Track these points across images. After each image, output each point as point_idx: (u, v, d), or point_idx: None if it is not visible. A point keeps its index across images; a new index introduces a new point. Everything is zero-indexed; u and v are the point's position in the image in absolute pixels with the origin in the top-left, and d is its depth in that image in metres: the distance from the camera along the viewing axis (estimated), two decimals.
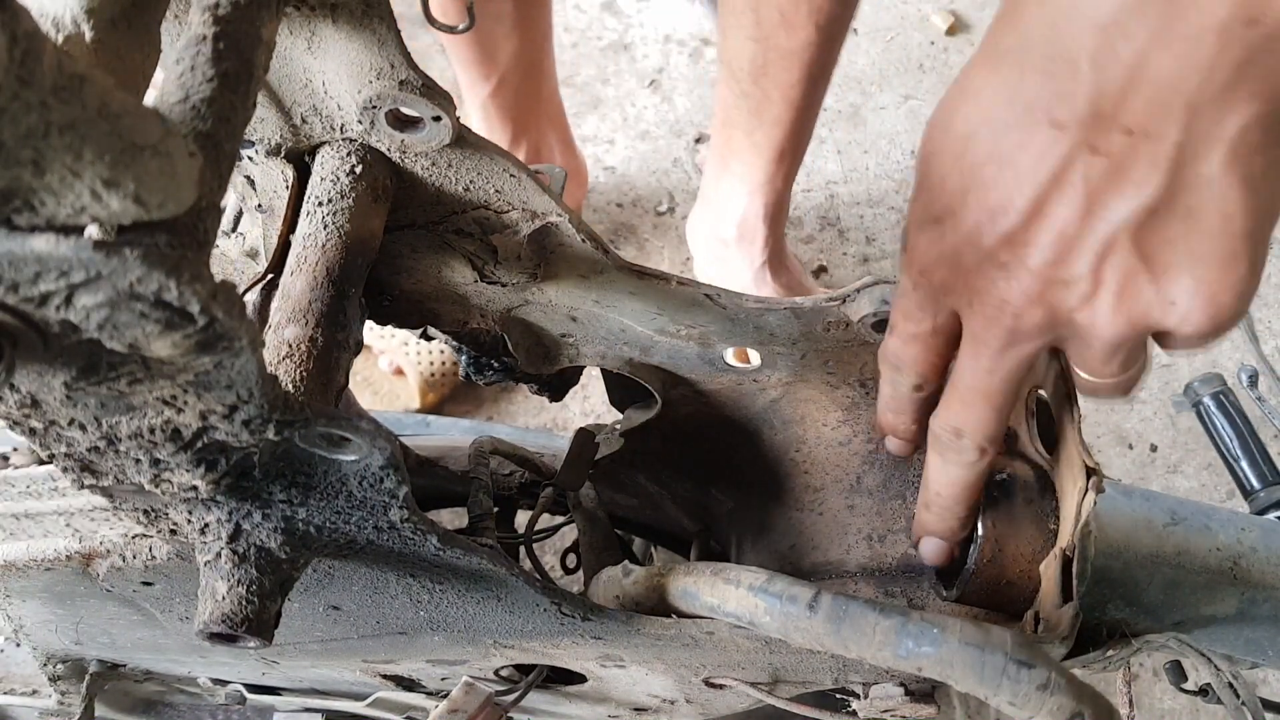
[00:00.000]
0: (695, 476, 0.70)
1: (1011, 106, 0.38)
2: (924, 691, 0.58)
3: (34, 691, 0.75)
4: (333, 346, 0.47)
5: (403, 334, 1.44)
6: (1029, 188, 0.38)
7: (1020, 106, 0.38)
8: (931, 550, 0.55)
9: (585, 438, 0.65)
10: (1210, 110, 0.34)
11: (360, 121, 0.48)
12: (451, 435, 0.87)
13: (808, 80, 1.23)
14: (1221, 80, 0.33)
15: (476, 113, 1.51)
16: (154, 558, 0.51)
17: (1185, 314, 0.38)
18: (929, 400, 0.52)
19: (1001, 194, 0.39)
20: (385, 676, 0.69)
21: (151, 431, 0.37)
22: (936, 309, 0.46)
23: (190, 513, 0.44)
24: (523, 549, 0.65)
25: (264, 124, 0.50)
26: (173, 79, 0.35)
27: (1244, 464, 0.96)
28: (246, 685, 0.76)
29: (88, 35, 0.37)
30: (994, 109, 0.38)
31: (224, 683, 0.76)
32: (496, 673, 0.65)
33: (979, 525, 0.53)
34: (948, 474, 0.51)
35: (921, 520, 0.54)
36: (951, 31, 1.95)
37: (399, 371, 1.50)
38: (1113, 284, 0.39)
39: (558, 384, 0.66)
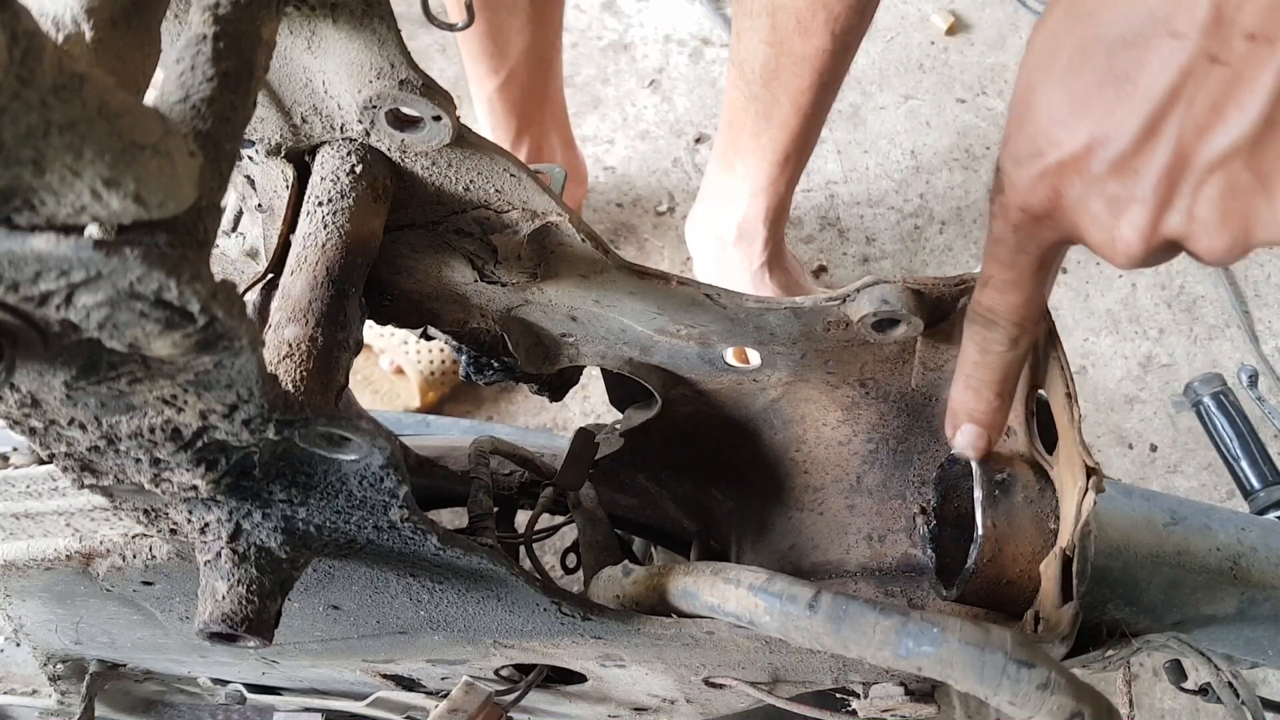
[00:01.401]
0: (695, 476, 0.70)
1: (1130, 22, 0.36)
2: (924, 691, 0.58)
3: (34, 691, 0.75)
4: (333, 346, 0.47)
5: (402, 333, 1.44)
6: (1144, 106, 0.37)
7: (1138, 20, 0.36)
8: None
9: (585, 438, 0.65)
10: None
11: (360, 121, 0.48)
12: (451, 435, 0.87)
13: (818, 87, 1.24)
14: None
15: (482, 106, 1.51)
16: (154, 557, 0.51)
17: None
18: (1017, 367, 0.50)
19: (1116, 116, 0.38)
20: (385, 676, 0.69)
21: (151, 431, 0.37)
22: (1039, 245, 0.44)
23: (190, 512, 0.44)
24: (523, 549, 0.65)
25: (264, 124, 0.50)
26: (173, 79, 0.35)
27: (1244, 464, 0.96)
28: (246, 685, 0.76)
29: (88, 35, 0.37)
30: (1110, 28, 0.37)
31: (224, 682, 0.76)
32: (496, 672, 0.65)
33: (979, 525, 0.53)
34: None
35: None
36: (951, 31, 1.95)
37: (399, 370, 1.50)
38: (1223, 203, 0.38)
39: (558, 384, 0.66)
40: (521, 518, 0.70)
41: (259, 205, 0.55)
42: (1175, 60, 0.36)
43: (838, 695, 0.60)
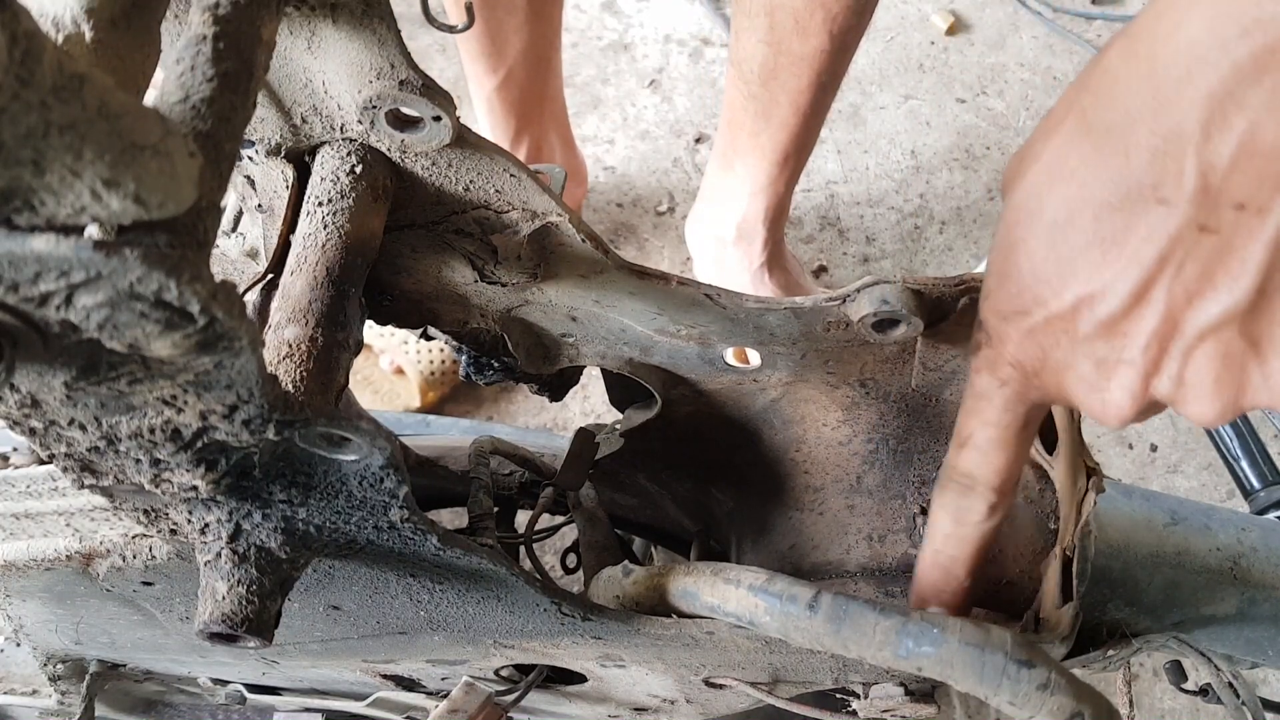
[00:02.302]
0: (695, 476, 0.70)
1: (1115, 186, 0.36)
2: (924, 691, 0.58)
3: (34, 691, 0.75)
4: (333, 346, 0.47)
5: (402, 333, 1.44)
6: (1134, 271, 0.36)
7: (1125, 185, 0.35)
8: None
9: (585, 438, 0.65)
10: None
11: (360, 121, 0.48)
12: (451, 435, 0.87)
13: (817, 87, 1.24)
14: None
15: (481, 105, 1.51)
16: (154, 558, 0.51)
17: None
18: (991, 539, 0.48)
19: (1103, 278, 0.37)
20: (385, 676, 0.69)
21: (151, 431, 0.37)
22: (1026, 403, 0.43)
23: (190, 513, 0.44)
24: (523, 549, 0.65)
25: (264, 124, 0.50)
26: (173, 79, 0.35)
27: (1244, 464, 0.96)
28: (246, 685, 0.76)
29: (88, 35, 0.37)
30: (1094, 189, 0.36)
31: (224, 683, 0.76)
32: (496, 673, 0.65)
33: None
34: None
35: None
36: (951, 31, 1.95)
37: (399, 371, 1.50)
38: (1214, 369, 0.37)
39: (558, 384, 0.66)
40: (521, 518, 0.70)
41: (259, 205, 0.55)
42: (1164, 228, 0.35)
43: (838, 695, 0.60)
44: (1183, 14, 0.33)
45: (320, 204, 0.49)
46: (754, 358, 0.61)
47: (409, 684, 0.70)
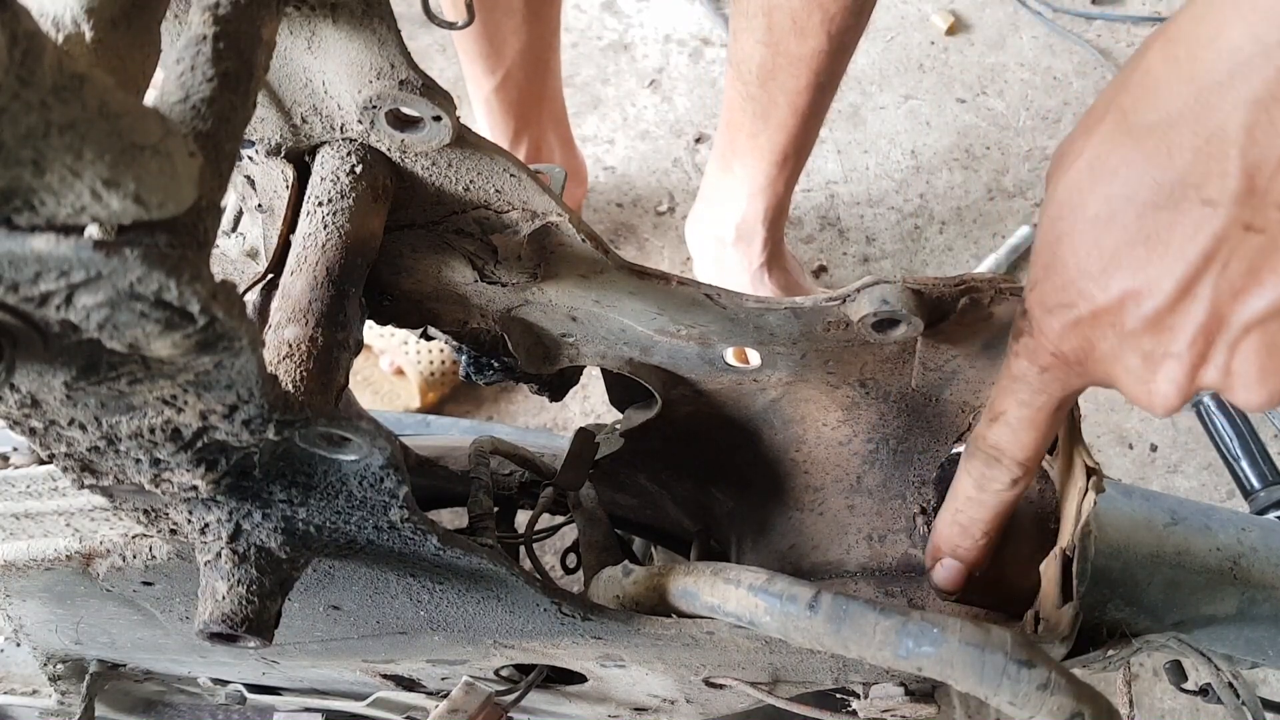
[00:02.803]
0: (695, 476, 0.70)
1: (1159, 185, 0.36)
2: (924, 691, 0.58)
3: (34, 691, 0.75)
4: (333, 346, 0.47)
5: (402, 333, 1.44)
6: (1179, 267, 0.37)
7: (1168, 185, 0.36)
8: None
9: (585, 438, 0.65)
10: None
11: (360, 121, 0.48)
12: (451, 435, 0.87)
13: (815, 88, 1.24)
14: None
15: (480, 106, 1.51)
16: (154, 557, 0.51)
17: None
18: (1010, 507, 0.51)
19: (1148, 275, 0.38)
20: (385, 676, 0.69)
21: (151, 431, 0.37)
22: (1064, 389, 0.45)
23: (190, 512, 0.44)
24: (523, 549, 0.65)
25: (264, 124, 0.50)
26: (173, 79, 0.35)
27: (1244, 464, 0.96)
28: (246, 685, 0.76)
29: (88, 35, 0.37)
30: (1136, 188, 0.37)
31: (224, 683, 0.76)
32: (496, 673, 0.65)
33: None
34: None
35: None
36: (951, 31, 1.95)
37: (399, 371, 1.50)
38: (1260, 359, 0.38)
39: (558, 384, 0.66)
40: (521, 518, 0.70)
41: (259, 205, 0.55)
42: (1209, 227, 0.36)
43: (838, 695, 0.60)
44: (1224, 18, 0.34)
45: (320, 204, 0.49)
46: (754, 358, 0.61)
47: (409, 684, 0.70)
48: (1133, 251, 0.38)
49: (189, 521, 0.44)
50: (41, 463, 0.51)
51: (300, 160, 0.52)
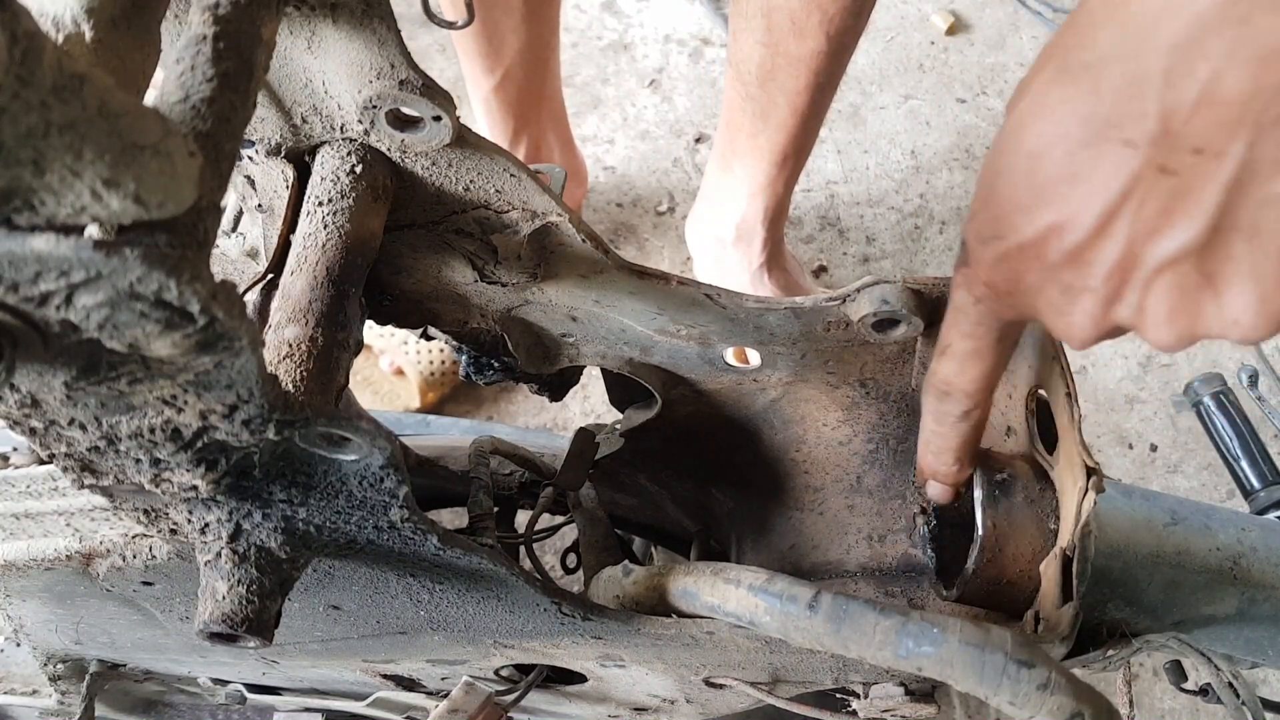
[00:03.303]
0: (695, 476, 0.70)
1: (1086, 124, 0.38)
2: (924, 691, 0.58)
3: (34, 691, 0.75)
4: (333, 346, 0.47)
5: (402, 333, 1.44)
6: (1097, 204, 0.38)
7: (1094, 124, 0.37)
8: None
9: (585, 438, 0.65)
10: (1278, 131, 0.34)
11: (360, 121, 0.48)
12: (451, 435, 0.87)
13: (814, 88, 1.24)
14: None
15: (479, 106, 1.51)
16: (154, 557, 0.51)
17: (1244, 328, 0.38)
18: (975, 433, 0.52)
19: (1070, 210, 0.39)
20: (385, 676, 0.69)
21: (151, 431, 0.37)
22: (1000, 319, 0.46)
23: (190, 512, 0.44)
24: (523, 549, 0.65)
25: (264, 124, 0.50)
26: (173, 79, 0.35)
27: (1244, 464, 0.96)
28: (246, 685, 0.76)
29: (88, 35, 0.37)
30: (1068, 125, 0.38)
31: (224, 682, 0.76)
32: (496, 672, 0.65)
33: (979, 525, 0.53)
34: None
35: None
36: (951, 31, 1.95)
37: (399, 371, 1.50)
38: (1170, 299, 0.39)
39: (558, 384, 0.66)
40: (521, 518, 0.70)
41: (259, 205, 0.55)
42: (1127, 166, 0.37)
43: (838, 695, 0.60)
44: None
45: (320, 204, 0.49)
46: (754, 358, 0.61)
47: (409, 684, 0.70)
48: (1058, 187, 0.39)
49: (189, 521, 0.44)
50: (41, 463, 0.51)
51: (300, 160, 0.52)
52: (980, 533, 0.53)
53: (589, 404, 1.54)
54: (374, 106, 0.47)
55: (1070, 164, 0.38)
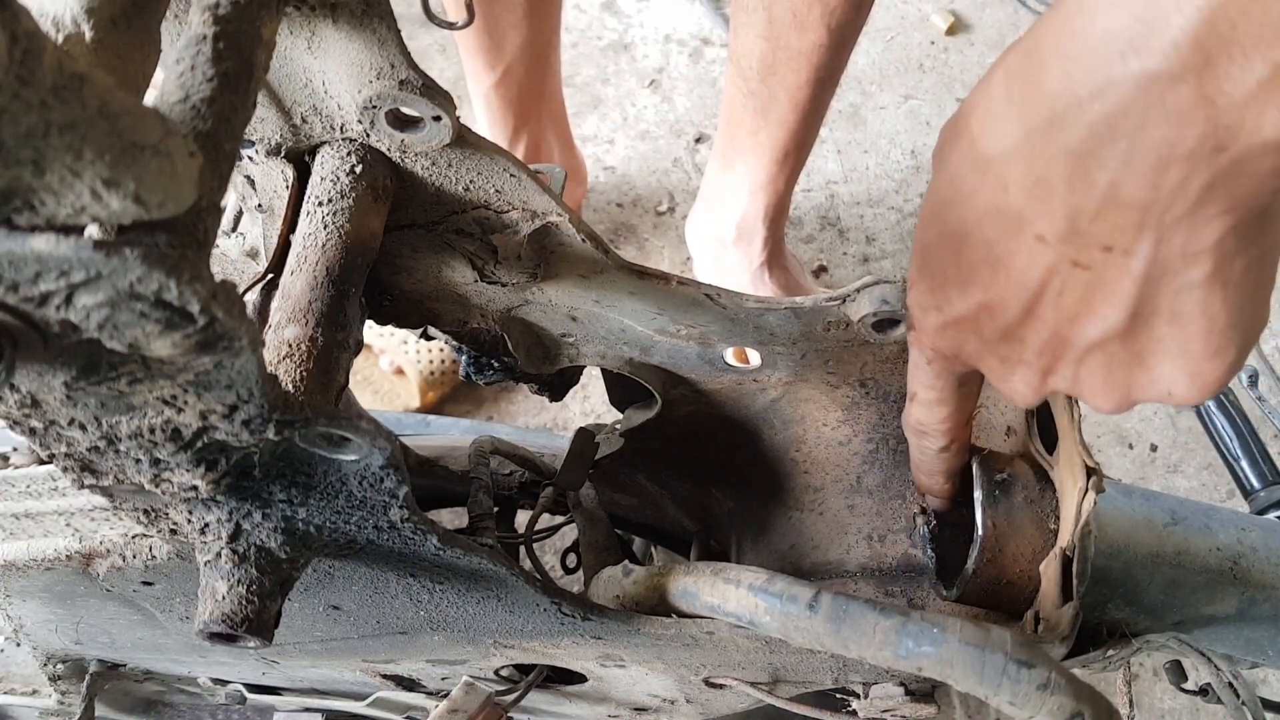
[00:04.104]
0: (695, 476, 0.70)
1: (1000, 217, 0.38)
2: (924, 691, 0.58)
3: (34, 691, 0.75)
4: (333, 346, 0.47)
5: (402, 333, 1.44)
6: (1021, 293, 0.39)
7: (1006, 218, 0.38)
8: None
9: (585, 437, 0.65)
10: (1184, 228, 0.34)
11: (360, 121, 0.48)
12: (451, 435, 0.87)
13: (815, 83, 1.24)
14: (1191, 202, 0.33)
15: (479, 102, 1.51)
16: (154, 557, 0.51)
17: (1179, 398, 0.39)
18: (957, 459, 0.54)
19: (996, 295, 0.40)
20: (385, 676, 0.69)
21: (151, 431, 0.37)
22: (954, 374, 0.48)
23: (190, 512, 0.44)
24: (523, 549, 0.65)
25: (264, 124, 0.50)
26: (173, 79, 0.35)
27: (1244, 464, 0.96)
28: (246, 685, 0.76)
29: (88, 35, 0.37)
30: (984, 215, 0.39)
31: (224, 682, 0.76)
32: (496, 672, 0.65)
33: (979, 525, 0.53)
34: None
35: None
36: (951, 31, 1.95)
37: (399, 370, 1.50)
38: (1103, 373, 0.40)
39: (558, 384, 0.66)
40: (521, 518, 0.70)
41: (259, 205, 0.55)
42: (1041, 260, 0.38)
43: (838, 695, 0.60)
44: (1044, 61, 0.35)
45: (320, 204, 0.49)
46: (754, 358, 0.61)
47: (409, 684, 0.70)
48: (982, 271, 0.40)
49: (189, 521, 0.44)
50: (41, 463, 0.51)
51: (300, 160, 0.52)
52: (980, 533, 0.53)
53: (589, 404, 1.54)
54: (374, 106, 0.47)
55: (990, 250, 0.39)
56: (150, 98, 0.36)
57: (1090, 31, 0.33)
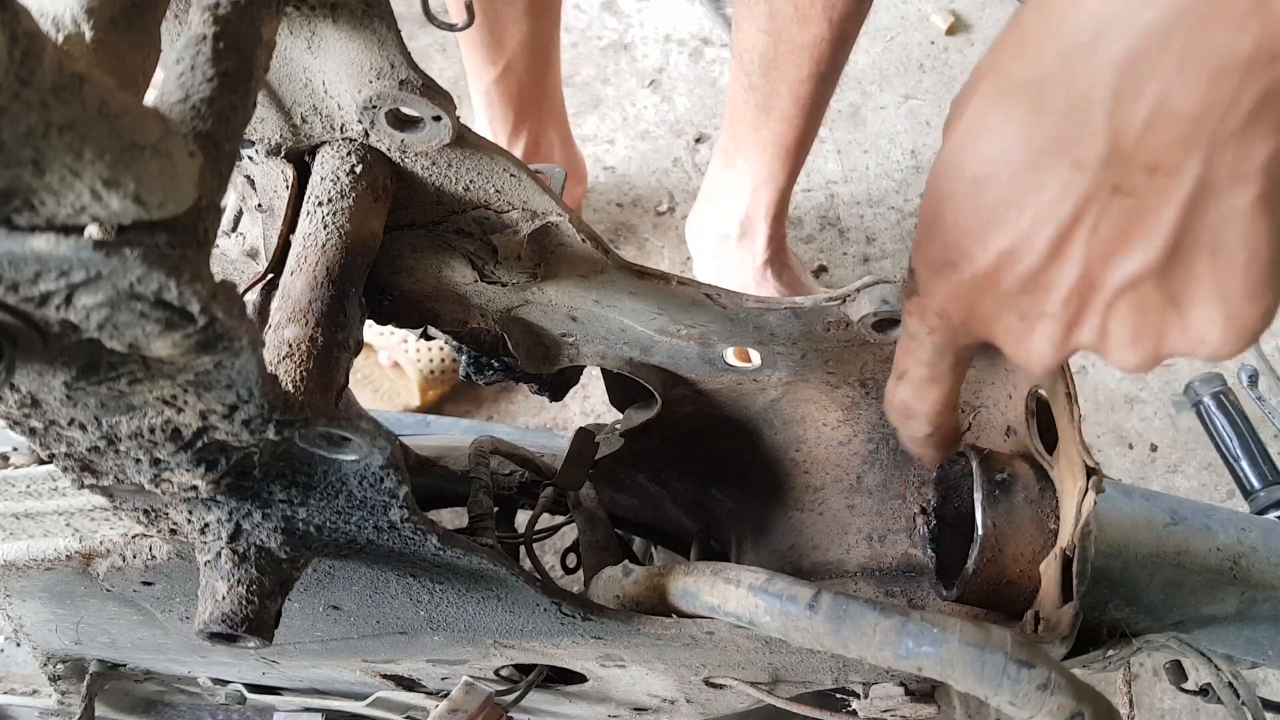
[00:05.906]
0: (695, 476, 0.70)
1: (1029, 146, 0.36)
2: (924, 691, 0.58)
3: (34, 691, 0.75)
4: (333, 346, 0.47)
5: (402, 332, 1.43)
6: (1050, 228, 0.37)
7: (1038, 146, 0.36)
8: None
9: (585, 437, 0.65)
10: (1234, 145, 0.33)
11: (360, 121, 0.48)
12: (451, 435, 0.87)
13: (817, 77, 1.24)
14: (1244, 115, 0.32)
15: (480, 99, 1.51)
16: (154, 557, 0.51)
17: (1212, 346, 0.37)
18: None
19: (1021, 235, 0.38)
20: (385, 676, 0.69)
21: (151, 431, 0.37)
22: (955, 347, 0.45)
23: (190, 512, 0.44)
24: (523, 549, 0.65)
25: (264, 124, 0.50)
26: (173, 79, 0.35)
27: (1244, 464, 0.96)
28: (246, 685, 0.76)
29: (88, 35, 0.37)
30: (1011, 149, 0.37)
31: (224, 682, 0.76)
32: (496, 672, 0.65)
33: (979, 525, 0.53)
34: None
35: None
36: (951, 31, 1.95)
37: (395, 364, 1.50)
38: (1133, 321, 0.38)
39: (558, 384, 0.66)
40: (521, 518, 0.70)
41: (259, 205, 0.55)
42: (1077, 188, 0.36)
43: (838, 695, 0.60)
44: None
45: (320, 204, 0.49)
46: (754, 357, 0.61)
47: (409, 684, 0.70)
48: (1007, 212, 0.38)
49: (189, 521, 0.44)
50: (41, 463, 0.51)
51: (300, 160, 0.52)
52: (980, 533, 0.53)
53: (589, 404, 1.54)
54: (374, 106, 0.47)
55: (1017, 188, 0.37)
56: (150, 98, 0.36)
57: None
